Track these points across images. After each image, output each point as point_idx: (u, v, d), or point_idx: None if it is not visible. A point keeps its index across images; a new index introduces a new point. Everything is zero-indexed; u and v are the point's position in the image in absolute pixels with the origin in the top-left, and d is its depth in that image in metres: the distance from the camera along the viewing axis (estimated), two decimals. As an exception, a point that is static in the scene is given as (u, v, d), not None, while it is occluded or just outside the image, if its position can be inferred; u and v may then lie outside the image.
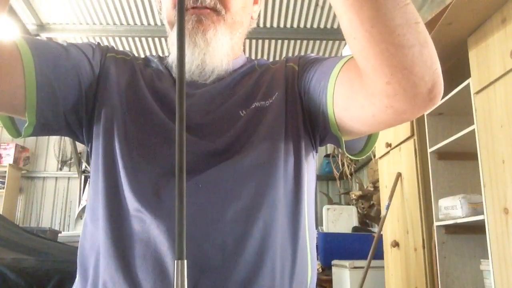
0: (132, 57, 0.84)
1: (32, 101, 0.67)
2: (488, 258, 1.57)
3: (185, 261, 0.36)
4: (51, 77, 0.69)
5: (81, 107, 0.75)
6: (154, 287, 0.62)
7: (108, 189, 0.70)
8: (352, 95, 0.65)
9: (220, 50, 0.75)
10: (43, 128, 0.72)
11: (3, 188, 4.87)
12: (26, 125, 0.69)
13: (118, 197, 0.69)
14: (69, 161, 5.41)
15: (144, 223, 0.65)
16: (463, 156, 2.02)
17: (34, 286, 1.22)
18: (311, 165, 0.80)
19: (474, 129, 1.68)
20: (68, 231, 4.96)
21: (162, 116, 0.74)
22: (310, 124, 0.77)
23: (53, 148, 5.43)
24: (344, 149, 0.76)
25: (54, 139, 5.43)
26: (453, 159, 2.05)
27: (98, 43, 0.83)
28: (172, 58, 0.80)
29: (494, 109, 1.55)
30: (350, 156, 0.80)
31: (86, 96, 0.75)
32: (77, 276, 0.72)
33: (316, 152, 0.82)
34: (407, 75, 0.54)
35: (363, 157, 0.80)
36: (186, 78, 0.78)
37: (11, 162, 4.99)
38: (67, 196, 5.34)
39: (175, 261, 0.35)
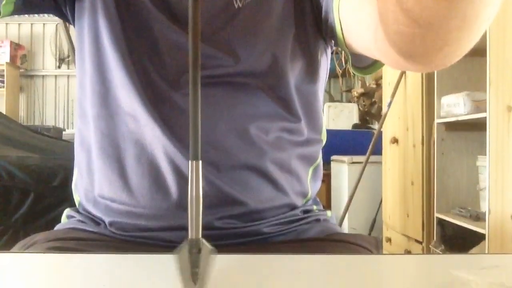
0: None
1: None
2: (485, 155, 1.60)
3: (200, 162, 0.34)
4: None
5: None
6: (149, 191, 0.59)
7: (96, 82, 0.63)
8: (358, 24, 0.55)
9: None
10: (25, 3, 0.62)
11: (3, 87, 4.86)
12: (4, 2, 0.59)
13: (108, 92, 0.62)
14: (67, 59, 5.31)
15: (139, 124, 0.60)
16: (471, 51, 1.94)
17: (41, 182, 1.26)
18: (322, 67, 0.70)
19: (485, 23, 1.60)
20: (72, 128, 5.04)
21: (153, 9, 0.64)
22: (321, 25, 0.66)
23: (49, 45, 5.29)
24: (351, 65, 0.68)
25: (49, 36, 5.28)
26: (460, 55, 1.99)
27: None
28: None
29: (508, 3, 1.46)
30: (355, 73, 0.70)
31: None
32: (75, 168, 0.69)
33: (329, 47, 0.71)
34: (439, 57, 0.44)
35: (370, 74, 0.70)
36: None
37: (8, 60, 4.91)
38: (68, 94, 5.33)
39: (189, 162, 0.33)
